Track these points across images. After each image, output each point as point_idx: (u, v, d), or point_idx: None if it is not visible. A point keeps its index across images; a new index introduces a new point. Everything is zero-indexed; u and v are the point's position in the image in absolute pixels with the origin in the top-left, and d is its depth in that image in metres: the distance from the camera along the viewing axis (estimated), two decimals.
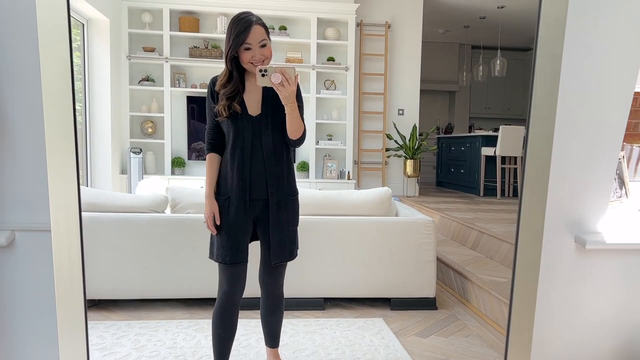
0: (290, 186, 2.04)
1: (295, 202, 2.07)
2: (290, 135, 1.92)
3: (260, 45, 1.86)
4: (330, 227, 3.16)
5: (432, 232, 3.19)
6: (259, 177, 1.96)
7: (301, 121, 1.92)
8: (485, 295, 3.12)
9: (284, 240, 2.02)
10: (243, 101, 1.93)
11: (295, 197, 2.07)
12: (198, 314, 3.13)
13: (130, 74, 6.25)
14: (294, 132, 1.91)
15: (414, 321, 3.05)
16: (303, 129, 1.94)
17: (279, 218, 1.99)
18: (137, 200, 3.18)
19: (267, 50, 1.89)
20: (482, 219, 4.77)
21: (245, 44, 1.83)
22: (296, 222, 2.07)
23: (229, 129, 1.94)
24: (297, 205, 2.07)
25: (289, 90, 1.77)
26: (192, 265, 3.12)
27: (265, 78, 1.77)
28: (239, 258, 1.98)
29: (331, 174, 6.58)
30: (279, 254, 2.02)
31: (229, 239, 1.97)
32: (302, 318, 3.07)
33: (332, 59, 6.58)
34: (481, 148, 7.08)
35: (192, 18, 6.28)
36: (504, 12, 7.77)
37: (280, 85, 1.76)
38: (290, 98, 1.80)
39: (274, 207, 1.98)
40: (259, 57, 1.86)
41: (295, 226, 2.07)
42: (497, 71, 7.84)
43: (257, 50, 1.85)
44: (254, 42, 1.84)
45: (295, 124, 1.89)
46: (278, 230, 2.00)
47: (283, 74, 1.75)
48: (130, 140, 6.25)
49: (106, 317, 3.04)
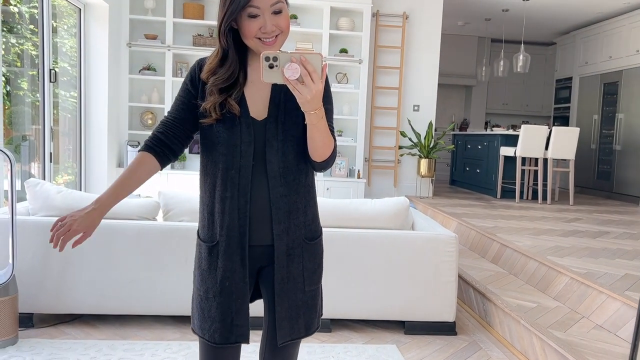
0: (308, 226, 1.37)
1: (317, 248, 1.40)
2: (313, 156, 1.28)
3: (273, 11, 1.23)
4: (340, 241, 2.81)
5: (454, 249, 2.84)
6: (262, 212, 1.33)
7: (329, 134, 1.25)
8: (511, 323, 2.76)
9: (295, 307, 1.37)
10: (244, 97, 1.30)
11: (317, 242, 1.40)
12: (190, 333, 2.81)
13: (130, 62, 5.90)
14: (318, 150, 1.26)
15: (431, 350, 2.71)
16: (332, 146, 1.28)
17: (289, 273, 1.35)
18: (125, 206, 2.85)
19: (283, 19, 1.25)
20: (503, 228, 4.40)
21: (250, 7, 1.21)
22: (317, 278, 1.41)
23: (217, 139, 1.30)
24: (319, 253, 1.41)
25: (312, 90, 1.11)
26: (185, 278, 2.79)
27: (274, 71, 1.12)
28: (234, 337, 1.34)
29: (340, 171, 6.22)
30: (287, 328, 1.36)
31: (219, 307, 1.33)
32: (305, 342, 2.73)
33: (345, 50, 6.19)
34: (500, 147, 6.69)
35: (197, 4, 5.91)
36: (528, 4, 7.33)
37: (299, 82, 1.11)
38: (314, 103, 1.14)
39: (281, 258, 1.34)
40: (270, 29, 1.23)
41: (315, 285, 1.40)
42: (520, 67, 7.41)
43: (268, 17, 1.23)
44: (264, 4, 1.21)
45: (319, 140, 1.24)
46: (287, 292, 1.35)
47: (303, 64, 1.10)
48: (128, 132, 5.92)
49: (88, 334, 2.73)
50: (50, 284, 2.74)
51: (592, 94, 8.03)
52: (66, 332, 2.76)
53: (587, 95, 8.17)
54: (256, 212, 1.33)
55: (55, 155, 4.65)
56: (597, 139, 7.85)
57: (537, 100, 10.18)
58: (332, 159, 1.30)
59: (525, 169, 6.59)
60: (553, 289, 3.11)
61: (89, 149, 5.35)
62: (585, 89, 8.21)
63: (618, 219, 5.35)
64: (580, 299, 2.85)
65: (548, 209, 5.84)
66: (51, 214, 2.78)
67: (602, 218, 5.36)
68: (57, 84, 4.67)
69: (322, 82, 1.12)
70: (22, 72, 4.26)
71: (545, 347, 2.41)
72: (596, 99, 7.91)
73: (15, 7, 4.13)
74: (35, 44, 4.31)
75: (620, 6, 7.21)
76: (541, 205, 6.21)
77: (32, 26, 4.30)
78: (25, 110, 4.31)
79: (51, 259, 2.73)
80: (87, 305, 2.78)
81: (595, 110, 7.92)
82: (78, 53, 5.17)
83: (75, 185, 5.21)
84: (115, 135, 5.68)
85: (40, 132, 4.37)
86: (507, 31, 8.92)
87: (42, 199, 2.78)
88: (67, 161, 5.15)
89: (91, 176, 5.35)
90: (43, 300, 2.75)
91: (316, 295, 1.41)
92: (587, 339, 2.46)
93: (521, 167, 6.37)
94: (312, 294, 1.40)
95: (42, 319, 2.88)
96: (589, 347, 2.35)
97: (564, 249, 3.70)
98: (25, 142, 4.30)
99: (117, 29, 5.61)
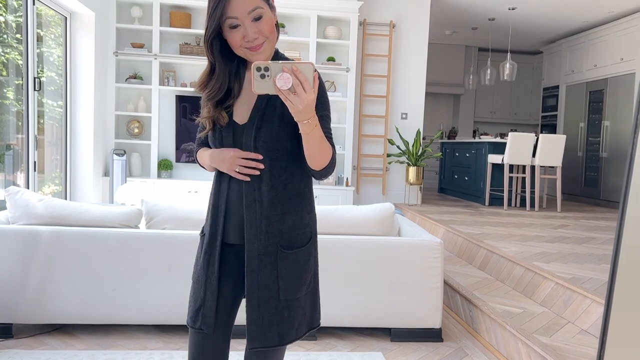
0: (286, 234, 1.33)
1: (297, 258, 1.35)
2: (311, 164, 1.27)
3: (253, 18, 1.23)
4: (325, 247, 2.79)
5: (439, 255, 2.82)
6: (237, 214, 1.35)
7: (326, 142, 1.25)
8: (497, 329, 2.75)
9: (268, 315, 1.32)
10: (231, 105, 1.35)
11: (296, 252, 1.34)
12: (173, 342, 2.77)
13: (117, 71, 5.88)
14: (316, 158, 1.25)
15: (417, 356, 2.68)
16: (330, 154, 1.27)
17: (261, 280, 1.32)
18: (107, 214, 2.81)
19: (266, 24, 1.24)
20: (490, 235, 4.40)
21: (228, 18, 1.22)
22: (296, 288, 1.35)
23: (210, 142, 1.39)
24: (301, 263, 1.35)
25: (304, 100, 1.10)
26: (167, 287, 2.75)
27: (266, 81, 1.12)
28: (198, 323, 1.37)
29: (328, 179, 6.20)
30: (257, 334, 1.33)
31: (192, 294, 1.41)
32: (290, 350, 2.70)
33: (333, 59, 6.21)
34: (488, 155, 6.72)
35: (183, 13, 5.91)
36: (515, 13, 7.40)
37: (291, 92, 1.11)
38: (307, 112, 1.13)
39: (252, 261, 1.32)
40: (252, 36, 1.23)
41: (293, 295, 1.34)
42: (507, 75, 7.47)
43: (249, 25, 1.23)
44: (241, 12, 1.21)
45: (316, 149, 1.22)
46: (258, 298, 1.32)
47: (295, 74, 1.10)
48: (114, 141, 5.88)
49: (68, 344, 2.68)
50: (29, 294, 2.69)
51: (578, 102, 8.11)
52: (46, 342, 2.71)
53: (573, 103, 8.25)
54: (233, 213, 1.36)
55: (40, 165, 4.60)
56: (583, 147, 7.91)
57: (524, 108, 10.25)
58: (331, 166, 1.30)
59: (513, 176, 6.62)
60: (539, 294, 3.11)
61: (75, 158, 5.30)
62: (572, 97, 8.29)
63: (605, 225, 5.37)
64: (566, 304, 2.85)
65: (536, 216, 5.86)
66: (32, 222, 2.74)
67: (589, 224, 5.38)
68: (43, 93, 4.63)
69: (314, 92, 1.12)
70: (7, 81, 4.22)
71: (531, 352, 2.40)
72: (582, 107, 7.98)
73: (0, 16, 4.10)
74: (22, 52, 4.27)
75: (604, 15, 7.31)
76: (529, 212, 6.23)
77: (19, 35, 4.27)
78: (10, 120, 4.27)
79: (31, 267, 2.69)
80: (68, 314, 2.73)
81: (582, 117, 7.99)
82: (64, 62, 5.14)
83: (61, 195, 5.16)
84: (101, 144, 5.64)
85: (24, 141, 4.33)
86: (493, 40, 9.00)
87: (22, 207, 2.74)
88: (54, 171, 5.10)
89: (77, 185, 5.30)
90: (22, 310, 2.70)
91: (295, 307, 1.35)
92: (572, 343, 2.45)
93: (509, 175, 6.39)
94: (290, 304, 1.34)
95: (21, 329, 2.83)
96: (574, 351, 2.34)
97: (550, 254, 3.70)
98: (10, 151, 4.25)
99: (103, 37, 5.59)
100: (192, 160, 6.08)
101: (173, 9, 5.99)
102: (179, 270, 2.75)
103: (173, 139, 6.08)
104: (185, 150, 6.05)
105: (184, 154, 6.04)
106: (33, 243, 2.67)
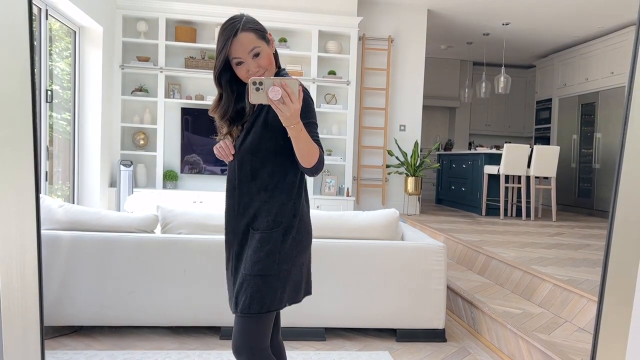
0: (257, 219, 1.59)
1: (262, 240, 1.57)
2: (303, 163, 1.51)
3: (253, 55, 1.53)
4: (332, 251, 2.92)
5: (442, 258, 2.96)
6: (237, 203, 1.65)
7: (312, 144, 1.49)
8: (499, 328, 2.88)
9: (237, 285, 1.60)
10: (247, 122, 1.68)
11: (264, 234, 1.57)
12: (188, 343, 2.87)
13: (123, 84, 6.02)
14: (304, 158, 1.49)
15: (422, 355, 2.81)
16: (317, 154, 1.51)
17: (240, 254, 1.63)
18: (124, 219, 2.94)
19: (264, 59, 1.55)
20: (488, 242, 4.54)
21: (234, 58, 1.53)
22: (257, 268, 1.55)
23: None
24: (266, 247, 1.56)
25: (291, 108, 1.37)
26: (182, 290, 2.87)
27: (260, 93, 1.38)
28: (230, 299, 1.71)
29: (330, 190, 6.35)
30: (233, 299, 1.62)
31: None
32: (300, 350, 2.82)
33: (333, 72, 6.39)
34: (484, 166, 6.89)
35: (188, 28, 6.08)
36: (508, 29, 7.63)
37: (280, 102, 1.37)
38: (293, 119, 1.40)
39: (237, 239, 1.64)
40: (253, 70, 1.54)
41: (252, 272, 1.56)
42: (501, 88, 7.67)
43: (250, 62, 1.53)
44: (243, 53, 1.52)
45: (304, 150, 1.48)
46: (237, 270, 1.63)
47: (284, 88, 1.36)
48: (120, 152, 6.00)
49: (88, 345, 2.78)
50: (50, 296, 2.80)
51: (570, 114, 8.32)
52: (66, 344, 2.81)
53: (566, 116, 8.46)
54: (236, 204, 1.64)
55: (50, 176, 4.72)
56: (577, 158, 8.10)
57: (518, 121, 10.47)
58: (320, 163, 1.54)
59: (508, 186, 6.79)
60: (537, 296, 3.25)
61: (82, 169, 5.42)
62: (564, 110, 8.50)
63: (599, 233, 5.53)
64: (563, 304, 2.99)
65: (531, 225, 6.01)
66: (53, 227, 2.86)
67: (584, 232, 5.54)
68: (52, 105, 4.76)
69: (299, 103, 1.39)
70: None
71: (531, 348, 2.53)
72: (575, 120, 8.19)
73: None
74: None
75: (595, 31, 7.55)
76: (525, 221, 6.38)
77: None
78: None
79: (52, 271, 2.80)
80: (86, 316, 2.84)
81: (575, 130, 8.19)
82: (72, 75, 5.28)
83: None
84: (107, 155, 5.76)
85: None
86: (488, 54, 9.23)
87: (43, 213, 2.86)
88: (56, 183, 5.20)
89: (84, 195, 5.41)
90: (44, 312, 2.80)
91: (246, 281, 1.55)
92: (570, 340, 2.58)
93: (504, 185, 6.56)
94: (245, 279, 1.56)
95: None
96: (572, 347, 2.48)
97: (547, 259, 3.84)
98: None
99: (110, 51, 5.74)
100: (196, 171, 6.20)
101: (178, 23, 6.16)
102: (194, 273, 2.87)
103: (178, 150, 6.21)
104: (188, 162, 6.17)
105: (187, 165, 6.16)
106: (54, 247, 2.79)
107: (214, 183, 6.34)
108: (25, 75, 1.14)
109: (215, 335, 3.00)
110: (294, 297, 1.66)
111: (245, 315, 1.55)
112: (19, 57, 1.13)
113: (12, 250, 1.20)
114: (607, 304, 1.68)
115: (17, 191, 1.19)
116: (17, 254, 1.22)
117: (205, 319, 2.90)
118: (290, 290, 1.62)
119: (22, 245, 1.22)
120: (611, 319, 1.66)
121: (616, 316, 1.60)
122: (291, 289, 1.63)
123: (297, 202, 1.62)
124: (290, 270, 1.60)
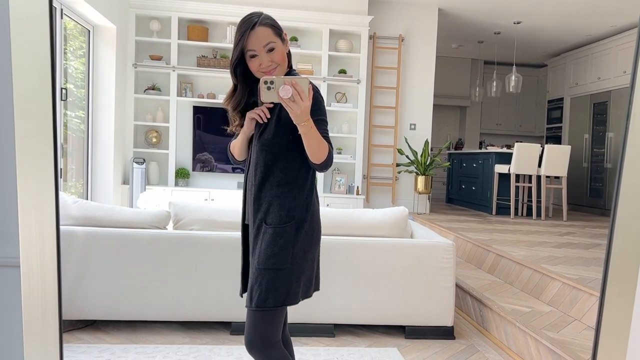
0: (271, 213, 1.61)
1: (275, 235, 1.59)
2: (312, 159, 1.55)
3: (267, 49, 1.56)
4: (342, 248, 2.95)
5: (452, 256, 2.98)
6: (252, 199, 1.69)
7: (322, 140, 1.54)
8: (507, 326, 2.89)
9: (251, 279, 1.63)
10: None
11: (273, 228, 1.59)
12: (199, 338, 2.92)
13: (136, 83, 6.10)
14: (314, 155, 1.54)
15: (431, 352, 2.83)
16: (327, 150, 1.55)
17: (254, 249, 1.64)
18: (137, 216, 2.99)
19: (277, 54, 1.58)
20: (498, 241, 4.55)
21: (249, 50, 1.56)
22: (270, 263, 1.57)
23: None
24: (278, 242, 1.58)
25: (301, 106, 1.41)
26: (194, 285, 2.91)
27: (271, 92, 1.42)
28: (241, 290, 1.78)
29: (340, 188, 6.37)
30: (248, 294, 1.64)
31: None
32: (310, 346, 2.85)
33: (344, 71, 6.41)
34: (494, 165, 6.87)
35: (201, 27, 6.13)
36: (519, 28, 7.61)
37: (291, 101, 1.40)
38: (303, 116, 1.44)
39: (252, 234, 1.66)
40: (266, 64, 1.57)
41: (264, 266, 1.58)
42: (512, 87, 7.65)
43: (264, 56, 1.57)
44: (258, 46, 1.55)
45: (314, 146, 1.52)
46: (252, 263, 1.64)
47: (294, 86, 1.40)
48: (133, 150, 6.08)
49: (101, 339, 2.84)
50: (64, 291, 2.86)
51: (582, 114, 8.27)
52: (80, 337, 2.86)
53: (577, 115, 8.41)
54: (249, 198, 1.68)
55: (64, 173, 4.79)
56: (588, 158, 8.05)
57: (530, 120, 10.42)
58: (329, 159, 1.57)
59: (519, 185, 6.77)
60: (546, 294, 3.25)
61: (96, 166, 5.49)
62: (576, 109, 8.46)
63: None
64: (572, 303, 2.99)
65: (542, 224, 5.99)
66: (67, 223, 2.91)
67: (595, 232, 5.51)
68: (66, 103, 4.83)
69: (309, 101, 1.44)
70: None
71: (540, 346, 2.54)
72: (586, 119, 8.14)
73: None
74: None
75: (607, 29, 7.50)
76: (535, 221, 6.37)
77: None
78: None
79: (66, 266, 2.85)
80: (99, 311, 2.89)
81: (586, 129, 8.14)
82: (86, 73, 5.35)
83: None
84: (120, 153, 5.84)
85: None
86: (499, 53, 9.20)
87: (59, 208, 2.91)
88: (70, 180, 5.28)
89: (97, 192, 5.48)
90: None
91: (261, 276, 1.57)
92: (578, 338, 2.59)
93: (515, 184, 6.54)
94: (260, 273, 1.58)
95: None
96: (580, 345, 2.48)
97: (557, 258, 3.84)
98: None
99: (123, 50, 5.81)
100: (207, 169, 6.26)
101: (191, 22, 6.21)
102: (206, 269, 2.91)
103: (190, 148, 6.27)
104: (200, 160, 6.23)
105: (199, 164, 6.22)
106: (68, 243, 2.84)
107: (225, 181, 6.40)
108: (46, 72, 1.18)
109: (226, 331, 3.04)
110: (306, 291, 1.69)
111: (260, 310, 1.56)
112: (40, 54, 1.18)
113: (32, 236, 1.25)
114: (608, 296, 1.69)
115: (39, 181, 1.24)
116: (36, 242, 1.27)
117: (216, 314, 2.95)
118: (303, 284, 1.65)
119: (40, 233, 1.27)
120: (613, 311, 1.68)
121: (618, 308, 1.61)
122: (304, 283, 1.66)
123: (309, 197, 1.66)
124: (303, 264, 1.63)
